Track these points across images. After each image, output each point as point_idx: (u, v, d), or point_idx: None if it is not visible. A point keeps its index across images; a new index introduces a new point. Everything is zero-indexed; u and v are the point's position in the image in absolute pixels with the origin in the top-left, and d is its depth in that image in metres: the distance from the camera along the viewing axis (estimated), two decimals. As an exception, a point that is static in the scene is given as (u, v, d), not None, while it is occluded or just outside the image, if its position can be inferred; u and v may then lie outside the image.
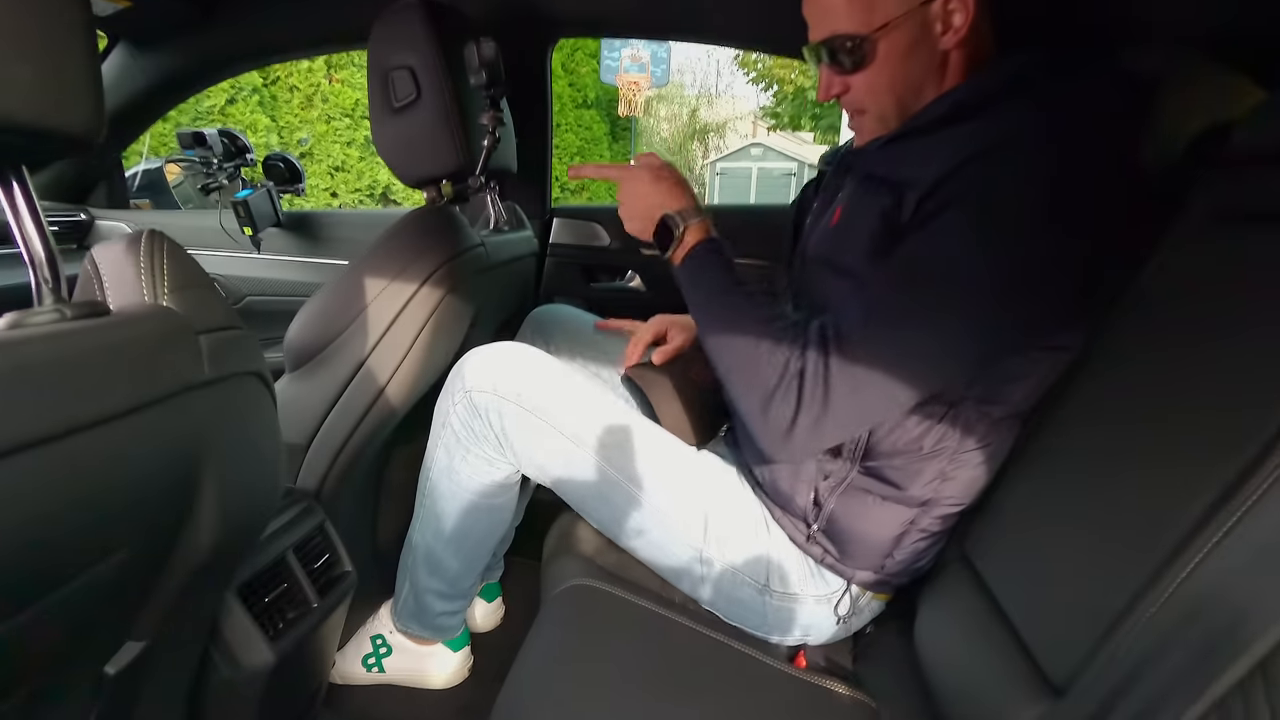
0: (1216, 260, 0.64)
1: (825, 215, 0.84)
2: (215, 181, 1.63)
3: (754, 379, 0.71)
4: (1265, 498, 0.48)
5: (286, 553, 0.83)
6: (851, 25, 0.73)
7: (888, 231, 0.70)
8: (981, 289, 0.65)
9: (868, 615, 0.90)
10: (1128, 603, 0.55)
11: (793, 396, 0.69)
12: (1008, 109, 0.68)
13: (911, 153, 0.73)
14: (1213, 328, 0.60)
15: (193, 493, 0.47)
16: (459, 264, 0.97)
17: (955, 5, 0.71)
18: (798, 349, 0.69)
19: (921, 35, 0.73)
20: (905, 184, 0.69)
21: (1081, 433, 0.68)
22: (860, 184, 0.79)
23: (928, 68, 0.75)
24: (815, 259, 0.82)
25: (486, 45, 0.91)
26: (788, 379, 0.69)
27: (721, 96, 16.76)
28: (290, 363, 0.96)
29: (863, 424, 0.73)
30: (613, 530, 0.91)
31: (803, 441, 0.70)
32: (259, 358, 0.52)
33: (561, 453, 0.89)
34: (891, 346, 0.67)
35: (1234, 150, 0.66)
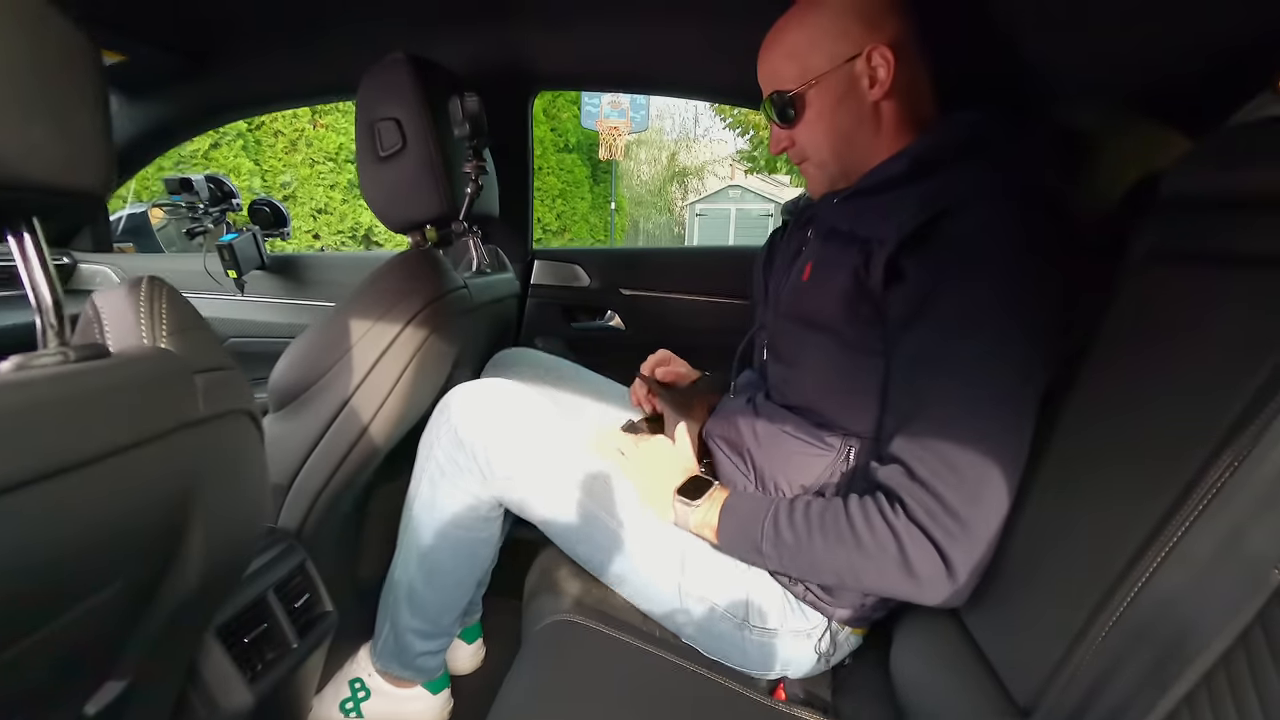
0: (1155, 298, 0.68)
1: (794, 269, 0.87)
2: (200, 226, 1.65)
3: (880, 563, 0.70)
4: (1202, 518, 0.51)
5: (267, 592, 0.83)
6: (787, 83, 0.82)
7: (859, 291, 0.74)
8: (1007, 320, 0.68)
9: (846, 649, 0.91)
10: (1084, 623, 0.58)
11: (927, 548, 0.67)
12: (964, 167, 0.73)
13: (873, 209, 0.77)
14: (1153, 362, 0.64)
15: (183, 527, 0.48)
16: (442, 305, 1.00)
17: (878, 61, 0.78)
18: (887, 506, 0.70)
19: (849, 89, 0.80)
20: (871, 241, 0.73)
21: (1040, 461, 0.72)
22: (825, 239, 0.83)
23: (859, 119, 0.81)
24: (789, 314, 0.85)
25: (470, 99, 0.96)
26: (909, 536, 0.68)
27: (700, 141, 17.19)
28: (274, 403, 0.97)
29: (1001, 507, 0.68)
30: (594, 565, 0.92)
31: (967, 570, 0.68)
32: (249, 396, 0.54)
33: (544, 488, 0.90)
34: (971, 425, 0.67)
35: (1165, 197, 0.72)
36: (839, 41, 0.79)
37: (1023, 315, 0.68)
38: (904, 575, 0.70)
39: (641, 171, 15.89)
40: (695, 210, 15.33)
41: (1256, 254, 0.58)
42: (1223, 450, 0.51)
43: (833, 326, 0.78)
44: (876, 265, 0.72)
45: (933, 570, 0.68)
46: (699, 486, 0.87)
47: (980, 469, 0.66)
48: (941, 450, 0.67)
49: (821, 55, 0.79)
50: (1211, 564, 0.50)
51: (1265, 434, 0.49)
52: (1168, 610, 0.52)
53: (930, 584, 0.69)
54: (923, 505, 0.68)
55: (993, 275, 0.68)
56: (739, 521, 0.82)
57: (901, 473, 0.70)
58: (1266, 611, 0.46)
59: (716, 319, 1.55)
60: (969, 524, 0.67)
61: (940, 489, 0.67)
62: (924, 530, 0.68)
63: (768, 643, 0.86)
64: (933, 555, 0.68)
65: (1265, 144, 0.61)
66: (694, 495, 0.85)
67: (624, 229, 9.80)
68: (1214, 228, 0.64)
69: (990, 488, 0.66)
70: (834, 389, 0.80)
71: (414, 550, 0.98)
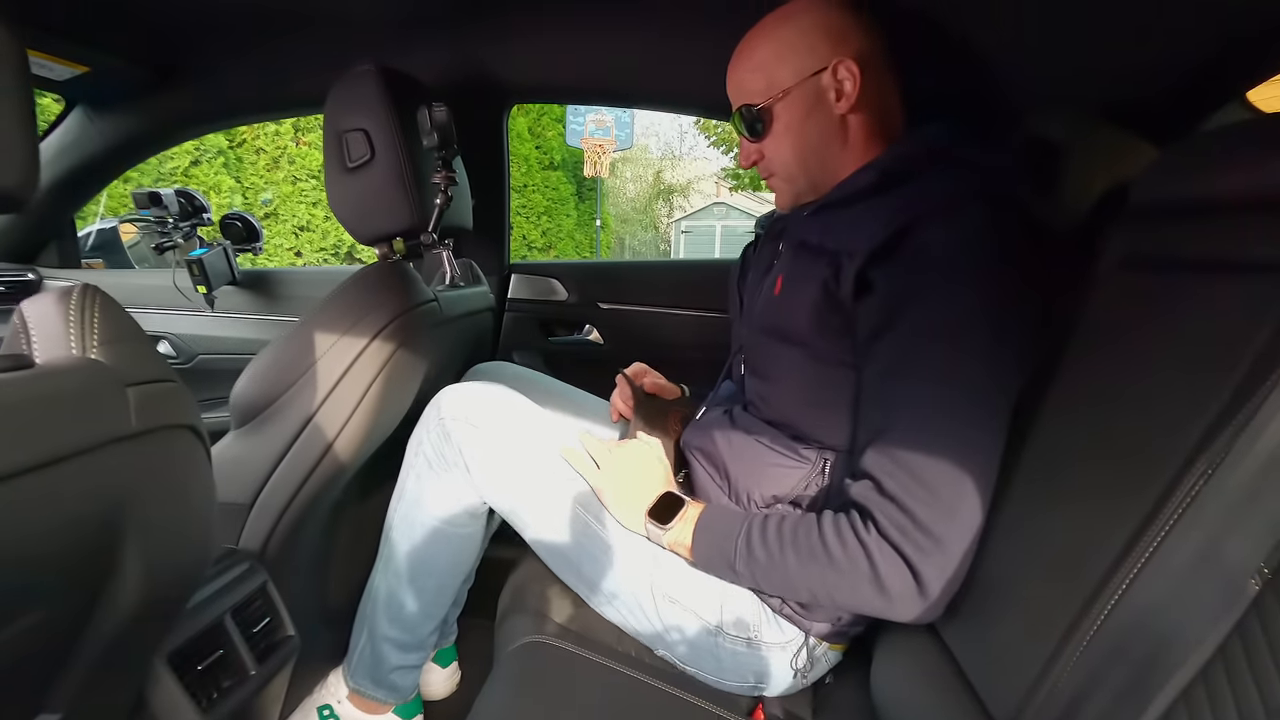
0: (1126, 306, 0.68)
1: (766, 282, 0.87)
2: (170, 241, 1.62)
3: (852, 580, 0.69)
4: (1177, 528, 0.50)
5: (224, 617, 0.80)
6: (754, 96, 0.82)
7: (830, 302, 0.74)
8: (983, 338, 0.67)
9: (825, 666, 0.89)
10: (1061, 639, 0.56)
11: (899, 564, 0.66)
12: (931, 179, 0.73)
13: (841, 221, 0.77)
14: (1125, 370, 0.63)
15: (116, 549, 0.46)
16: (411, 318, 0.98)
17: (844, 75, 0.78)
18: (859, 522, 0.69)
19: (816, 102, 0.80)
20: (840, 253, 0.73)
21: (1014, 473, 0.71)
22: (795, 252, 0.83)
23: (827, 132, 0.81)
24: (763, 328, 0.85)
25: (438, 109, 0.95)
26: (880, 552, 0.67)
27: (685, 158, 17.34)
28: (236, 419, 0.94)
29: (975, 522, 0.66)
30: (567, 564, 0.91)
31: (940, 587, 0.66)
32: (193, 411, 0.52)
33: (525, 489, 0.90)
34: (943, 438, 0.66)
35: (1134, 204, 0.72)
36: (805, 56, 0.79)
37: (992, 325, 0.67)
38: (876, 592, 0.68)
39: (627, 189, 15.99)
40: (681, 227, 15.44)
41: (1225, 259, 0.58)
42: (1196, 458, 0.51)
43: (804, 339, 0.77)
44: (846, 278, 0.72)
45: (904, 587, 0.67)
46: (670, 506, 0.85)
47: (953, 484, 0.65)
48: (912, 465, 0.66)
49: (788, 69, 0.80)
50: (1188, 575, 0.48)
51: (1238, 440, 0.48)
52: (1145, 623, 0.50)
53: (902, 600, 0.68)
54: (894, 522, 0.67)
55: (960, 285, 0.67)
56: (713, 539, 0.81)
57: (872, 488, 0.69)
58: (1244, 623, 0.45)
59: (695, 333, 1.54)
60: (942, 540, 0.65)
61: (911, 505, 0.66)
62: (895, 547, 0.67)
63: (742, 652, 0.85)
64: (904, 572, 0.67)
65: (1231, 149, 0.61)
66: (666, 517, 0.84)
67: (610, 246, 9.82)
68: (1183, 234, 0.64)
69: (964, 502, 0.65)
70: (807, 401, 0.79)
71: (397, 551, 0.98)
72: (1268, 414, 0.46)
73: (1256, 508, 0.45)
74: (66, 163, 1.48)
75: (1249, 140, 0.59)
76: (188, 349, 1.67)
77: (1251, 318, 0.51)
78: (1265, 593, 0.44)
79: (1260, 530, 0.45)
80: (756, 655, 0.85)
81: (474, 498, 0.94)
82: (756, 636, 0.85)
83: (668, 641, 0.87)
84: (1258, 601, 0.44)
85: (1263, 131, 0.60)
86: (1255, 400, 0.48)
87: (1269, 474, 0.45)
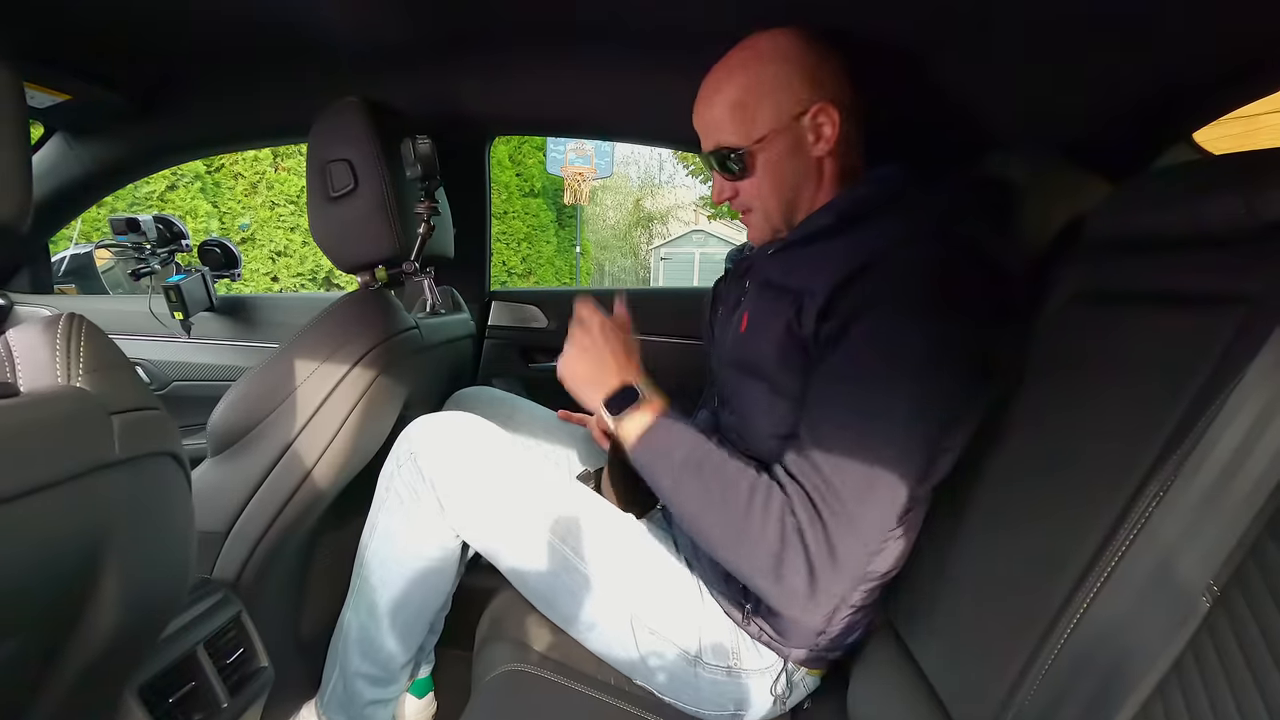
0: (1082, 336, 0.71)
1: (734, 319, 0.89)
2: (147, 267, 1.61)
3: (755, 551, 0.70)
4: (1134, 547, 0.53)
5: (196, 648, 0.78)
6: (734, 139, 0.81)
7: (792, 341, 0.76)
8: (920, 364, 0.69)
9: (803, 691, 0.90)
10: (1027, 659, 0.58)
11: (800, 556, 0.68)
12: (884, 218, 0.76)
13: (802, 261, 0.79)
14: (1082, 396, 0.66)
15: (95, 576, 0.45)
16: (392, 346, 0.99)
17: (823, 119, 0.79)
18: (786, 506, 0.70)
19: (796, 145, 0.81)
20: (802, 293, 0.75)
21: (980, 498, 0.73)
22: (760, 290, 0.85)
23: (805, 174, 0.82)
24: (731, 363, 0.86)
25: (422, 142, 0.97)
26: (791, 543, 0.68)
27: (664, 187, 17.51)
28: (213, 447, 0.94)
29: (871, 544, 0.70)
30: (545, 597, 0.91)
31: (826, 597, 0.69)
32: (174, 439, 0.52)
33: (500, 523, 0.90)
34: (862, 464, 0.68)
35: (1088, 239, 0.76)
36: (786, 98, 0.79)
37: (934, 356, 0.69)
38: (770, 570, 0.69)
39: (607, 216, 16.10)
40: (660, 254, 15.57)
41: (1170, 292, 0.61)
42: (1149, 481, 0.53)
43: (769, 375, 0.79)
44: (808, 317, 0.74)
45: (799, 584, 0.68)
46: (626, 397, 0.82)
47: (858, 498, 0.67)
48: (826, 471, 0.68)
49: (769, 111, 0.80)
50: (1145, 592, 0.51)
51: (1186, 463, 0.50)
52: (1106, 641, 0.52)
53: (791, 596, 0.69)
54: (810, 521, 0.68)
55: (906, 315, 0.69)
56: (654, 446, 0.79)
57: (798, 486, 0.70)
58: (1198, 639, 0.47)
59: (675, 360, 1.55)
60: (839, 555, 0.67)
61: (823, 511, 0.67)
62: (804, 543, 0.68)
63: (721, 680, 0.85)
64: (804, 569, 0.68)
65: (1179, 186, 0.64)
66: (618, 408, 0.82)
67: (589, 272, 9.87)
68: (1132, 268, 0.68)
69: (865, 518, 0.67)
70: (772, 434, 0.79)
71: (369, 586, 0.96)
72: (1212, 439, 0.49)
73: (1205, 527, 0.48)
74: (44, 188, 1.47)
75: (1188, 180, 0.63)
76: (162, 375, 1.65)
77: (1195, 348, 0.54)
78: (1216, 609, 0.46)
79: (1209, 548, 0.47)
80: (736, 683, 0.85)
81: (447, 532, 0.93)
82: (735, 664, 0.85)
83: (646, 671, 0.87)
84: (1209, 618, 0.46)
85: (1200, 172, 0.64)
86: (1200, 426, 0.50)
87: (1215, 495, 0.48)
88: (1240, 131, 0.94)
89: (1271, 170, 0.54)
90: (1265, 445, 0.46)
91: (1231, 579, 0.46)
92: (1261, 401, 0.47)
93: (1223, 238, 0.57)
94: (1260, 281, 0.52)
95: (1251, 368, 0.49)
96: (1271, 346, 0.48)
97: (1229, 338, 0.52)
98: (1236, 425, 0.48)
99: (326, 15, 1.03)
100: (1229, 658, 0.44)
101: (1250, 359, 0.49)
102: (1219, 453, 0.49)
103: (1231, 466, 0.47)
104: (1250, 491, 0.46)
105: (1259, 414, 0.47)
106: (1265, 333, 0.49)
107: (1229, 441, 0.48)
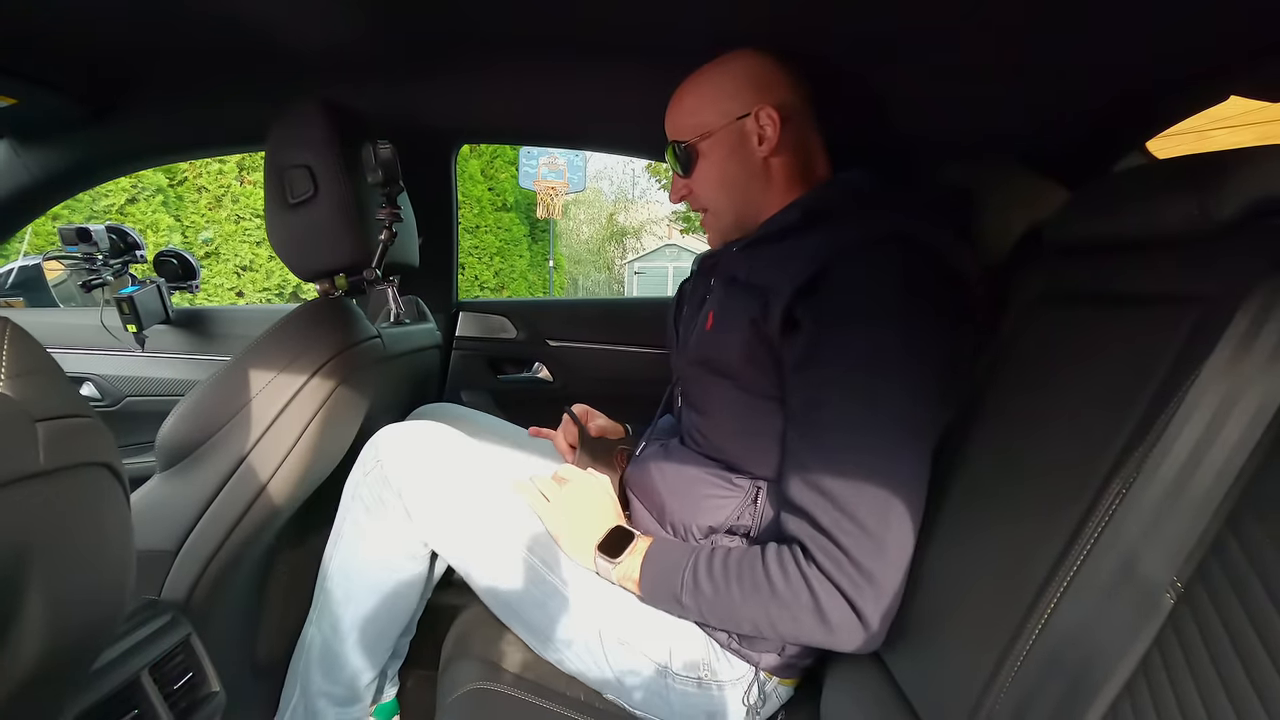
0: (1044, 338, 0.72)
1: (699, 317, 0.90)
2: (99, 278, 1.55)
3: (795, 613, 0.70)
4: (1098, 546, 0.53)
5: (140, 674, 0.74)
6: (683, 134, 0.89)
7: (758, 337, 0.77)
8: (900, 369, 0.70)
9: (776, 703, 0.88)
10: (997, 660, 0.57)
11: (837, 597, 0.68)
12: (847, 221, 0.77)
13: (767, 258, 0.81)
14: (1046, 397, 0.67)
15: (16, 598, 0.42)
16: (353, 354, 0.96)
17: (765, 121, 0.84)
18: (803, 558, 0.70)
19: (739, 144, 0.86)
20: (768, 290, 0.76)
21: (946, 502, 0.73)
22: (726, 287, 0.86)
23: (750, 173, 0.87)
24: (695, 360, 0.87)
25: (383, 147, 0.95)
26: (820, 585, 0.69)
27: (638, 201, 17.63)
28: (162, 462, 0.90)
29: (905, 552, 0.69)
30: (513, 608, 0.89)
31: (878, 618, 0.68)
32: (109, 449, 0.49)
33: (470, 533, 0.88)
34: (872, 484, 0.68)
35: (1048, 244, 0.77)
36: (732, 100, 0.86)
37: (911, 358, 0.70)
38: (818, 623, 0.70)
39: (581, 230, 16.14)
40: (634, 268, 15.65)
41: (1127, 293, 0.62)
42: (1112, 478, 0.53)
43: (734, 372, 0.80)
44: (774, 314, 0.74)
45: (845, 618, 0.68)
46: (620, 540, 0.85)
47: (877, 517, 0.67)
48: (839, 498, 0.68)
49: (715, 111, 0.86)
50: (1110, 591, 0.50)
51: (1148, 459, 0.51)
52: (1074, 640, 0.52)
53: (843, 631, 0.69)
54: (829, 556, 0.68)
55: (879, 321, 0.71)
56: (659, 573, 0.81)
57: (806, 523, 0.70)
58: (1162, 636, 0.46)
59: (645, 369, 1.55)
60: (873, 575, 0.67)
61: (843, 540, 0.68)
62: (832, 581, 0.68)
63: (692, 693, 0.84)
64: (843, 604, 0.68)
65: (1135, 190, 0.66)
66: (615, 551, 0.84)
67: (563, 286, 9.85)
68: (1091, 270, 0.69)
69: (890, 535, 0.67)
70: (737, 432, 0.81)
71: (333, 600, 0.94)
72: (1171, 436, 0.49)
73: (1167, 524, 0.48)
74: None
75: (1144, 183, 0.64)
76: (115, 391, 1.59)
77: (1154, 347, 0.55)
78: (1180, 606, 0.46)
79: (1172, 545, 0.47)
80: (708, 695, 0.84)
81: (415, 543, 0.91)
82: (707, 676, 0.84)
83: (618, 686, 0.85)
84: (1174, 615, 0.46)
85: (1154, 175, 0.65)
86: (1160, 423, 0.51)
87: (1176, 491, 0.48)
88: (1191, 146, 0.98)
89: (1223, 172, 0.55)
90: (1223, 441, 0.47)
91: (1194, 575, 0.46)
92: (1218, 398, 0.48)
93: (1178, 239, 0.58)
94: (1214, 281, 0.53)
95: (1207, 365, 0.49)
96: (1226, 344, 0.49)
97: (1185, 336, 0.53)
98: (1195, 422, 0.48)
99: (288, 20, 1.01)
100: (1194, 653, 0.44)
101: (1206, 357, 0.50)
102: (1178, 450, 0.49)
103: (1191, 463, 0.48)
104: (1210, 487, 0.46)
105: (1216, 410, 0.48)
106: (1219, 330, 0.49)
107: (1188, 438, 0.48)
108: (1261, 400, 0.45)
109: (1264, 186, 0.52)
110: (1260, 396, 0.46)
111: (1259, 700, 0.39)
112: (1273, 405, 0.45)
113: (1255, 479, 0.45)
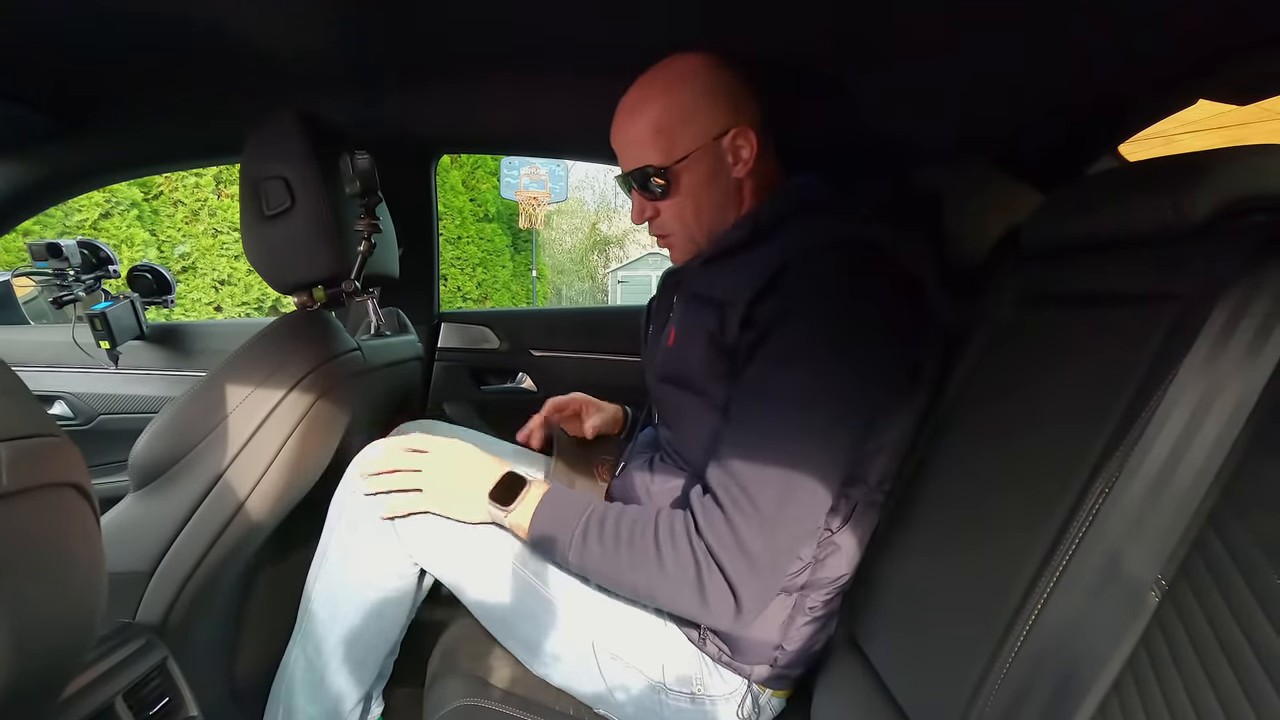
0: (1023, 340, 0.72)
1: (664, 333, 0.90)
2: (71, 294, 1.52)
3: (676, 585, 0.72)
4: (1083, 545, 0.53)
5: (115, 700, 0.72)
6: (656, 158, 0.82)
7: (717, 350, 0.77)
8: (832, 368, 0.71)
9: (770, 714, 0.88)
10: (985, 665, 0.57)
11: (718, 575, 0.70)
12: (797, 227, 0.78)
13: (724, 273, 0.81)
14: (1027, 398, 0.67)
15: (-22, 626, 0.41)
16: (332, 368, 0.94)
17: (742, 141, 0.82)
18: (692, 530, 0.71)
19: (716, 166, 0.83)
20: (724, 303, 0.77)
21: (931, 506, 0.73)
22: (687, 303, 0.86)
23: (725, 194, 0.85)
24: (662, 377, 0.87)
25: (361, 157, 0.94)
26: (705, 564, 0.70)
27: (620, 210, 17.65)
28: (135, 481, 0.88)
29: (791, 552, 0.73)
30: (506, 623, 0.88)
31: (752, 598, 0.71)
32: (78, 469, 0.48)
33: (459, 548, 0.86)
34: (780, 469, 0.69)
35: (1025, 246, 0.77)
36: (708, 120, 0.81)
37: (846, 359, 0.72)
38: (696, 597, 0.72)
39: (564, 240, 16.14)
40: (617, 277, 15.66)
41: (1103, 293, 0.63)
42: (1095, 478, 0.53)
43: (697, 387, 0.80)
44: (731, 325, 0.75)
45: (721, 597, 0.71)
46: (513, 486, 0.82)
47: (778, 501, 0.69)
48: (743, 478, 0.70)
49: (690, 133, 0.81)
50: (1096, 590, 0.51)
51: (1130, 458, 0.51)
52: (1061, 640, 0.52)
53: (717, 609, 0.72)
54: (719, 536, 0.70)
55: (818, 320, 0.72)
56: (548, 525, 0.80)
57: (709, 497, 0.72)
58: (1148, 634, 0.47)
59: (630, 378, 1.53)
60: (756, 557, 0.69)
61: (735, 518, 0.69)
62: (715, 559, 0.70)
63: (685, 708, 0.83)
64: (722, 583, 0.70)
65: (1110, 191, 0.66)
66: (508, 499, 0.81)
67: (546, 296, 9.83)
68: (1067, 272, 0.69)
69: (784, 519, 0.69)
70: (705, 446, 0.79)
71: (317, 620, 0.91)
72: (1152, 435, 0.50)
73: (1150, 522, 0.48)
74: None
75: (1118, 185, 0.65)
76: (88, 409, 1.55)
77: (1131, 346, 0.55)
78: (1165, 604, 0.46)
79: (1155, 543, 0.47)
80: (701, 710, 0.83)
81: (404, 561, 0.89)
82: (700, 691, 0.83)
83: (610, 700, 0.84)
84: (1159, 613, 0.46)
85: (1129, 177, 0.66)
86: (1140, 422, 0.51)
87: (1158, 490, 0.48)
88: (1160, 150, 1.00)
89: (1196, 172, 0.55)
90: (1202, 438, 0.47)
91: (1178, 573, 0.46)
92: (1196, 396, 0.48)
93: (1153, 239, 0.59)
94: (1190, 280, 0.54)
95: (1184, 364, 0.50)
96: (1203, 342, 0.49)
97: (1163, 335, 0.53)
98: (1174, 421, 0.49)
99: (262, 31, 1.00)
100: (1180, 651, 0.44)
101: (1184, 355, 0.50)
102: (1159, 448, 0.49)
103: (1171, 461, 0.48)
104: (1191, 484, 0.47)
105: (1194, 409, 0.48)
106: (1196, 329, 0.50)
107: (1168, 436, 0.49)
108: (1239, 397, 0.46)
109: (1236, 186, 0.53)
110: (1238, 393, 0.46)
111: (1245, 696, 0.39)
112: (1250, 402, 0.46)
113: (1235, 476, 0.45)
